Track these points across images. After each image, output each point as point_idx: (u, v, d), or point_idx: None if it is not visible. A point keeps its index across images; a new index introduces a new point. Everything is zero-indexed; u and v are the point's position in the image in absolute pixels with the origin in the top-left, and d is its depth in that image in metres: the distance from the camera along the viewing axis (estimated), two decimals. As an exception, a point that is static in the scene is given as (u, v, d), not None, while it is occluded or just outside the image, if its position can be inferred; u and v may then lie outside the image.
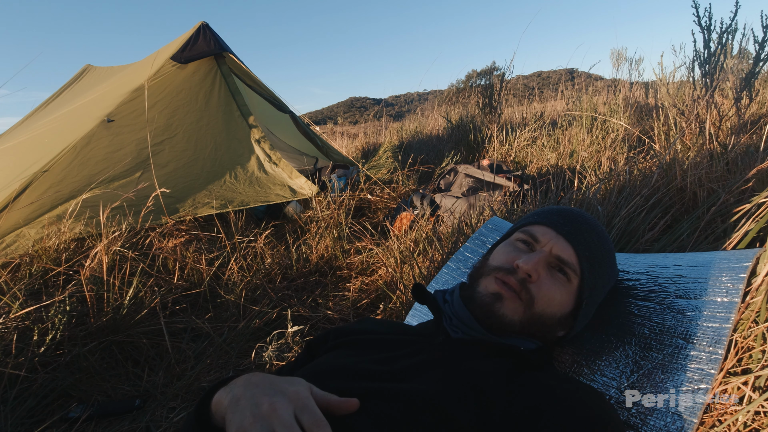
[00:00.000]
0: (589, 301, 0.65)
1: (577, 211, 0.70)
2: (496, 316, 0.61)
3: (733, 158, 1.58)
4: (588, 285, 0.64)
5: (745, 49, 2.71)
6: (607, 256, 0.68)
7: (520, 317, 0.61)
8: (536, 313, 0.61)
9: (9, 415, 1.08)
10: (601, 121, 3.01)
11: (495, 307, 0.61)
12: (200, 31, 2.91)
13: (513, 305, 0.61)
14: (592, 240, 0.66)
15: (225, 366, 1.37)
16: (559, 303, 0.63)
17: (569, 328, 0.67)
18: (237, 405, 0.43)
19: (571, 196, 1.66)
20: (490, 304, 0.62)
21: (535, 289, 0.61)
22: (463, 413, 0.48)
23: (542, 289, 0.61)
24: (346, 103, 69.07)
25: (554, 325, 0.64)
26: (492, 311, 0.61)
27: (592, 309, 0.68)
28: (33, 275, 1.70)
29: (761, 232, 0.93)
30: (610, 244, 0.70)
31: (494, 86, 4.21)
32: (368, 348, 0.63)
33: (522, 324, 0.61)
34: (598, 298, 0.68)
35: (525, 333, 0.63)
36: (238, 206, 2.46)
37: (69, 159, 2.27)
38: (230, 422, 0.41)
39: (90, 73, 4.34)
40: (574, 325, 0.66)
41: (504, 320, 0.61)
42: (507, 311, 0.61)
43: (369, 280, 1.89)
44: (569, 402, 0.49)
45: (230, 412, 0.43)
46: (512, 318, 0.61)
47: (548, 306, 0.62)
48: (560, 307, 0.63)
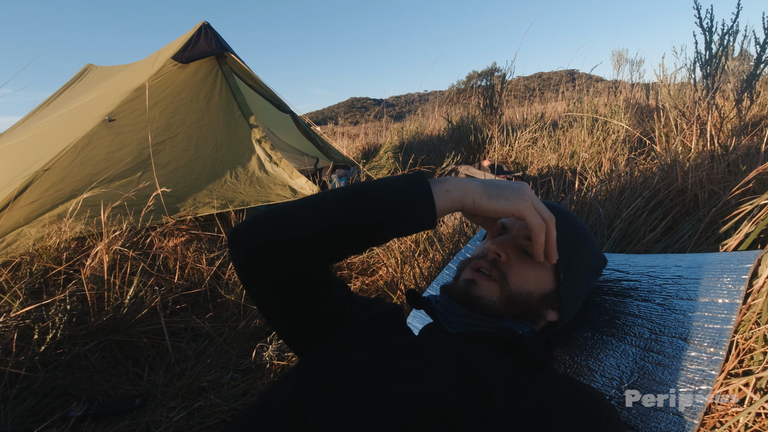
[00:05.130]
0: (568, 277, 0.65)
1: (545, 201, 0.72)
2: (473, 297, 0.63)
3: (734, 160, 1.58)
4: (561, 259, 0.64)
5: (746, 51, 2.71)
6: (577, 233, 0.69)
7: (498, 296, 0.63)
8: (513, 291, 0.63)
9: (9, 414, 1.08)
10: (602, 123, 3.02)
11: (470, 290, 0.64)
12: (201, 30, 2.91)
13: (487, 285, 0.64)
14: (557, 220, 0.65)
15: (225, 366, 1.37)
16: (534, 279, 0.64)
17: (558, 309, 0.66)
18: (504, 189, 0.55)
19: (572, 197, 1.66)
20: (465, 289, 0.65)
21: (506, 268, 0.64)
22: (466, 413, 0.48)
23: (514, 266, 0.64)
24: (346, 103, 69.08)
25: (538, 304, 0.64)
26: (468, 294, 0.64)
27: (577, 289, 0.68)
28: (33, 274, 1.70)
29: (762, 234, 0.93)
30: (581, 224, 0.72)
31: (495, 87, 4.21)
32: (380, 344, 0.63)
33: (503, 303, 0.63)
34: (581, 277, 0.68)
35: (511, 314, 0.64)
36: (239, 206, 2.46)
37: (70, 158, 2.27)
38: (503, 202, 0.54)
39: (91, 73, 4.35)
40: (562, 306, 0.66)
41: (482, 301, 0.63)
42: (483, 292, 0.63)
43: (369, 280, 1.89)
44: (571, 402, 0.49)
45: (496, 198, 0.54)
46: (490, 298, 0.63)
47: (523, 283, 0.63)
48: (537, 284, 0.64)
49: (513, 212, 0.54)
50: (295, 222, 0.53)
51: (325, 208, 0.53)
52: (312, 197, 0.55)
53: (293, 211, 0.54)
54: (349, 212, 0.52)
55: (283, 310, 0.61)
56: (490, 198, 0.54)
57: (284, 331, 0.66)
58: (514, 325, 0.64)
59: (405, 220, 0.52)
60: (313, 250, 0.54)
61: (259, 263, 0.55)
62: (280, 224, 0.53)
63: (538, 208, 0.56)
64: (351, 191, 0.54)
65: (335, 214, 0.53)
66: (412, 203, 0.52)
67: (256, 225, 0.55)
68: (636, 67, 4.65)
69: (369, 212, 0.52)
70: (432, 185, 0.53)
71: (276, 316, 0.64)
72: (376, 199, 0.52)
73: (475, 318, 0.64)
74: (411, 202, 0.52)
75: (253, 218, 0.55)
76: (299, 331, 0.65)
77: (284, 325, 0.65)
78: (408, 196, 0.52)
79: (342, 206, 0.53)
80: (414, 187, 0.52)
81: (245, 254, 0.55)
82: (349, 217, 0.52)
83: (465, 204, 0.54)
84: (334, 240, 0.53)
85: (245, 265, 0.56)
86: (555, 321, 0.67)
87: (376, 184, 0.54)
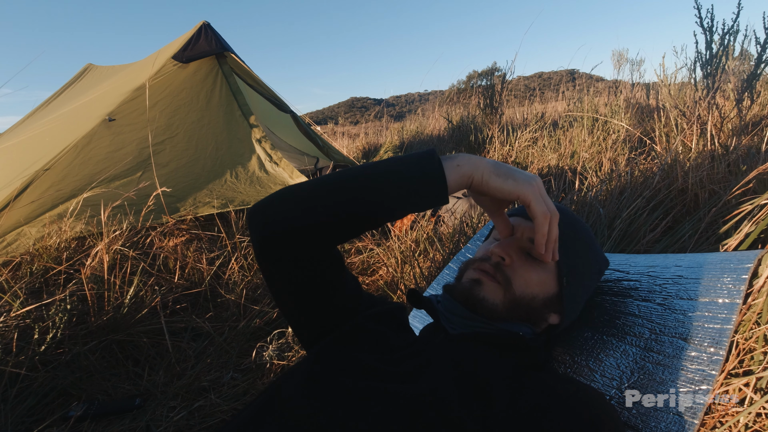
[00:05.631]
0: (570, 281, 0.65)
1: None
2: (477, 299, 0.63)
3: (735, 160, 1.58)
4: (564, 263, 0.64)
5: (746, 51, 2.71)
6: (581, 236, 0.69)
7: (501, 299, 0.63)
8: (516, 295, 0.63)
9: (9, 414, 1.08)
10: (602, 122, 3.01)
11: (474, 291, 0.64)
12: (201, 30, 2.91)
13: (491, 288, 0.64)
14: (561, 221, 0.65)
15: (225, 365, 1.37)
16: (537, 283, 0.64)
17: (560, 313, 0.66)
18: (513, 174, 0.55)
19: (572, 197, 1.66)
20: (469, 289, 0.65)
21: (510, 271, 0.64)
22: (466, 413, 0.48)
23: (517, 270, 0.64)
24: (347, 103, 69.10)
25: (540, 308, 0.64)
26: (472, 294, 0.64)
27: (580, 293, 0.68)
28: (34, 274, 1.70)
29: (763, 234, 0.93)
30: (584, 227, 0.72)
31: (495, 87, 4.21)
32: (383, 344, 0.63)
33: (506, 306, 0.63)
34: (583, 280, 0.68)
35: (514, 317, 0.64)
36: (239, 206, 2.46)
37: (70, 158, 2.27)
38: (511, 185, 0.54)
39: (91, 73, 4.35)
40: (563, 310, 0.66)
41: (486, 303, 0.63)
42: (487, 294, 0.63)
43: (369, 280, 1.89)
44: (571, 401, 0.49)
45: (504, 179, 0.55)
46: (494, 300, 0.63)
47: (527, 286, 0.63)
48: (541, 287, 0.64)
49: (518, 194, 0.55)
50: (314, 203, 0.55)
51: (342, 192, 0.55)
52: (326, 179, 0.56)
53: (312, 190, 0.55)
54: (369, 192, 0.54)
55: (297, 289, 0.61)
56: (498, 176, 0.55)
57: (294, 315, 0.65)
58: (516, 327, 0.64)
59: (420, 196, 0.54)
60: (330, 231, 0.56)
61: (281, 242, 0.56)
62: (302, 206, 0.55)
63: (545, 199, 0.56)
64: (370, 171, 0.55)
65: (355, 197, 0.54)
66: (426, 181, 0.54)
67: (277, 207, 0.56)
68: (636, 67, 4.65)
69: (385, 193, 0.54)
70: (443, 161, 0.54)
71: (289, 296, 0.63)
72: (395, 178, 0.54)
73: (477, 320, 0.64)
74: (425, 180, 0.54)
75: (271, 200, 0.56)
76: (310, 313, 0.64)
77: (295, 307, 0.64)
78: (422, 174, 0.54)
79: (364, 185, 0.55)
80: (429, 166, 0.54)
81: (261, 237, 0.56)
82: (366, 210, 0.55)
83: (474, 179, 0.55)
84: (351, 228, 0.56)
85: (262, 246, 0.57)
86: (556, 324, 0.67)
87: (391, 166, 0.55)
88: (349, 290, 0.66)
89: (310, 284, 0.60)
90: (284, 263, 0.57)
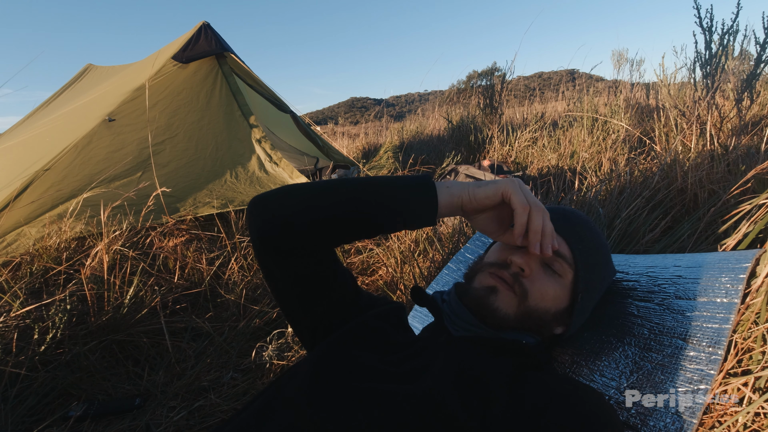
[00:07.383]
0: (584, 296, 0.65)
1: (569, 208, 0.71)
2: (491, 308, 0.62)
3: (734, 159, 1.58)
4: (583, 278, 0.63)
5: (746, 51, 2.71)
6: (602, 250, 0.68)
7: (515, 311, 0.62)
8: (530, 308, 0.61)
9: (9, 414, 1.08)
10: (602, 122, 3.01)
11: (489, 299, 0.62)
12: (201, 30, 2.91)
13: (507, 298, 0.62)
14: (585, 234, 0.66)
15: (225, 365, 1.37)
16: (553, 297, 0.63)
17: (566, 325, 0.66)
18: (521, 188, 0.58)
19: (572, 197, 1.66)
20: (484, 297, 0.62)
21: (528, 283, 0.62)
22: (465, 413, 0.48)
23: (535, 283, 0.62)
24: (347, 103, 69.09)
25: (550, 321, 0.64)
26: (486, 303, 0.62)
27: (589, 306, 0.68)
28: (34, 274, 1.71)
29: (761, 234, 0.93)
30: (604, 240, 0.71)
31: (495, 87, 4.21)
32: (384, 344, 0.63)
33: (517, 318, 0.62)
34: (594, 294, 0.68)
35: (521, 328, 0.63)
36: (239, 206, 2.46)
37: (70, 158, 2.27)
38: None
39: (91, 73, 4.35)
40: (571, 323, 0.66)
41: (498, 313, 0.61)
42: (501, 304, 0.62)
43: (369, 280, 1.89)
44: (570, 401, 0.49)
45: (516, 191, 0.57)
46: (507, 311, 0.61)
47: (542, 300, 0.62)
48: (554, 302, 0.63)
49: (501, 191, 0.58)
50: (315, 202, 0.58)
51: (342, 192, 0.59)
52: (329, 185, 0.60)
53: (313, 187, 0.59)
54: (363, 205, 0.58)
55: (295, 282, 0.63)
56: (480, 187, 0.59)
57: (293, 311, 0.67)
58: (521, 336, 0.63)
59: (416, 216, 0.59)
60: (329, 234, 0.59)
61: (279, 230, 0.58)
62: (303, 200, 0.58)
63: (525, 193, 0.58)
64: (371, 179, 0.60)
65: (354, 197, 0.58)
66: (421, 202, 0.59)
67: (278, 198, 0.59)
68: (636, 67, 4.65)
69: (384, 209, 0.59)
70: (436, 185, 0.59)
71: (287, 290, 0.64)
72: (391, 199, 0.59)
73: (482, 328, 0.63)
74: (420, 201, 0.59)
75: (272, 192, 0.59)
76: (309, 308, 0.65)
77: (294, 302, 0.65)
78: (418, 196, 0.59)
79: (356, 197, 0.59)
80: (424, 189, 0.59)
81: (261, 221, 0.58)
82: (362, 212, 0.58)
83: (463, 198, 0.59)
84: (347, 228, 0.59)
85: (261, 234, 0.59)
86: (560, 333, 0.67)
87: (390, 184, 0.60)
88: (346, 285, 0.67)
89: (308, 277, 0.61)
90: (282, 255, 0.59)
